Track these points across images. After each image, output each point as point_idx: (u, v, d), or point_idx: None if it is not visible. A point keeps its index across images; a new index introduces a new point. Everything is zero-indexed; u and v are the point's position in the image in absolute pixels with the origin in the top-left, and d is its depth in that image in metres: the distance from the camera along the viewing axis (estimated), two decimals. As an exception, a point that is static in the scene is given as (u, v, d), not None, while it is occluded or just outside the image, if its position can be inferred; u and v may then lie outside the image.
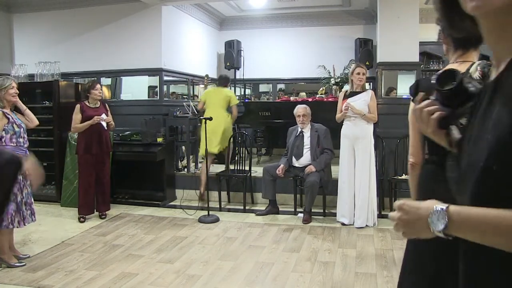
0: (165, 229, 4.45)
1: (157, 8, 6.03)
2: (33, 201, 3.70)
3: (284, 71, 7.93)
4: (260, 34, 7.96)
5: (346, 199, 4.53)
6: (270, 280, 3.17)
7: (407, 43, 5.16)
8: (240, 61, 7.51)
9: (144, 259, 3.60)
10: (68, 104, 5.22)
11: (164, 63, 6.05)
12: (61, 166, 5.47)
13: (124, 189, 5.68)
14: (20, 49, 6.76)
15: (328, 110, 5.35)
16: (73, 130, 4.85)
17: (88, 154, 4.69)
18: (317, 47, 7.63)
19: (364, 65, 5.39)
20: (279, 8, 7.58)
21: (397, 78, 5.32)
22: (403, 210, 0.91)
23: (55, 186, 5.60)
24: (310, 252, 3.74)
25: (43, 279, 3.17)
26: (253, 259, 3.58)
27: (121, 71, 6.33)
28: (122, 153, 5.53)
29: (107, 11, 6.26)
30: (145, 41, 6.08)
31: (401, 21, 5.17)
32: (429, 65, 7.37)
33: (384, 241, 4.04)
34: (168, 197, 5.65)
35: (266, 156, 7.33)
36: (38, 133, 5.76)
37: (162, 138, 5.56)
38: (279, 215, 4.94)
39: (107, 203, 4.96)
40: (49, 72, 5.79)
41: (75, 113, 4.70)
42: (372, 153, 4.45)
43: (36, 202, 5.49)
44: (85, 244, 4.00)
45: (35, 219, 3.68)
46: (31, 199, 3.64)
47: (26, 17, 6.73)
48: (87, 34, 6.38)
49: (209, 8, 7.47)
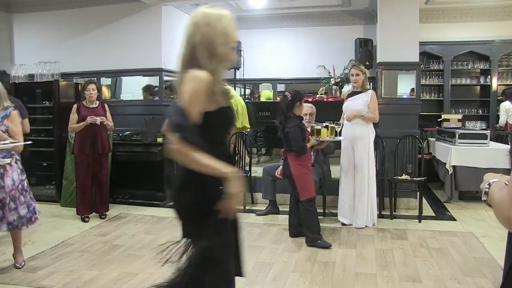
0: (165, 229, 4.45)
1: (157, 8, 6.03)
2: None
3: (284, 71, 7.92)
4: (260, 34, 7.95)
5: (346, 199, 4.53)
6: (270, 280, 3.17)
7: (407, 43, 5.15)
8: (240, 61, 7.51)
9: (144, 259, 3.59)
10: (68, 104, 5.21)
11: (164, 63, 6.05)
12: (61, 166, 5.47)
13: (124, 189, 5.68)
14: (20, 49, 6.76)
15: (328, 110, 5.36)
16: (69, 130, 4.85)
17: (83, 154, 4.69)
18: (317, 47, 7.62)
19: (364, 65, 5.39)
20: (279, 8, 7.57)
21: (397, 78, 5.32)
22: None
23: (55, 186, 5.60)
24: (310, 252, 3.74)
25: (43, 279, 3.17)
26: (253, 259, 3.57)
27: (121, 71, 6.32)
28: (122, 153, 5.53)
29: (107, 11, 6.25)
30: (145, 41, 6.07)
31: (401, 21, 5.17)
32: (429, 65, 7.37)
33: (384, 241, 4.04)
34: (168, 197, 5.64)
35: (266, 156, 7.33)
36: (38, 133, 5.76)
37: (162, 138, 5.56)
38: (279, 215, 4.93)
39: (106, 203, 4.96)
40: (49, 72, 5.79)
41: (71, 113, 4.70)
42: (370, 153, 4.44)
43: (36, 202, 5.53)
44: (85, 244, 4.00)
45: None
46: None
47: (26, 17, 6.73)
48: (87, 34, 6.38)
49: (209, 8, 7.46)
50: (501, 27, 7.09)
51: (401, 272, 3.28)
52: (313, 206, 3.96)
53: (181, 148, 1.55)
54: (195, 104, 1.60)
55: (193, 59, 1.67)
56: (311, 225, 3.91)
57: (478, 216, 4.81)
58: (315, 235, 3.89)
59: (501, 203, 0.95)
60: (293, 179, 3.96)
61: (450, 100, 7.29)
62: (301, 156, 3.96)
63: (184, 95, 1.61)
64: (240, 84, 8.10)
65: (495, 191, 1.02)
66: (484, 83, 7.32)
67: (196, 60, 1.65)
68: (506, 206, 0.90)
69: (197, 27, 1.68)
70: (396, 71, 5.31)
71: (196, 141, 1.56)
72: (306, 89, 7.62)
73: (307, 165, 4.01)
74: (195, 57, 1.66)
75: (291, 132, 3.88)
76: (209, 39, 1.65)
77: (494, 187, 1.04)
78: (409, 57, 5.17)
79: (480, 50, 7.19)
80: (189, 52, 1.69)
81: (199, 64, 1.65)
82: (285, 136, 3.95)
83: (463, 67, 7.33)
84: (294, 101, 3.96)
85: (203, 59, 1.65)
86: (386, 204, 4.97)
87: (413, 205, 5.13)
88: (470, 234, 4.19)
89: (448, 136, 5.65)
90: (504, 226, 0.92)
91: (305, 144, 3.97)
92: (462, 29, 7.14)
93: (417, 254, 3.68)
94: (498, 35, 7.07)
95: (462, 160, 5.23)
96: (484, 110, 7.33)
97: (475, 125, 5.92)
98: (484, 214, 4.82)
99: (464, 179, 5.21)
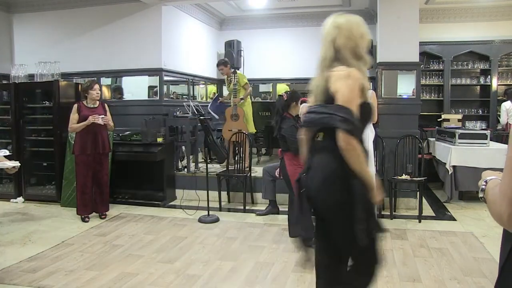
0: (165, 229, 4.45)
1: (157, 8, 6.03)
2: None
3: (284, 71, 7.93)
4: (260, 34, 7.96)
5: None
6: (270, 280, 3.17)
7: (407, 43, 5.15)
8: (240, 61, 7.51)
9: (144, 259, 3.59)
10: (68, 104, 5.22)
11: (164, 63, 6.05)
12: (61, 166, 5.47)
13: (124, 189, 5.68)
14: (20, 49, 6.77)
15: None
16: (70, 130, 4.85)
17: (84, 154, 4.69)
18: (317, 47, 7.53)
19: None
20: (279, 8, 7.58)
21: (397, 78, 5.32)
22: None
23: (55, 186, 5.60)
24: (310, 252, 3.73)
25: (43, 279, 3.17)
26: (253, 259, 3.58)
27: (121, 71, 6.33)
28: (122, 153, 5.53)
29: (107, 11, 6.26)
30: (145, 41, 6.07)
31: (401, 21, 5.16)
32: (429, 65, 7.37)
33: (384, 241, 4.04)
34: (168, 197, 5.65)
35: (266, 156, 7.33)
36: (38, 133, 5.77)
37: (162, 138, 5.56)
38: (279, 215, 4.93)
39: (106, 203, 4.95)
40: (49, 72, 5.78)
41: (72, 112, 4.70)
42: (370, 153, 4.43)
43: (36, 202, 5.55)
44: (85, 244, 4.00)
45: None
46: None
47: (26, 17, 6.73)
48: (87, 34, 6.39)
49: (209, 8, 7.47)
50: (501, 27, 7.09)
51: (401, 272, 3.28)
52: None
53: (350, 142, 1.68)
54: (355, 99, 1.76)
55: (337, 60, 1.86)
56: (304, 224, 3.91)
57: (478, 216, 4.81)
58: (309, 234, 3.88)
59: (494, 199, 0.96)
60: (289, 179, 3.96)
61: (450, 100, 7.29)
62: (297, 156, 3.95)
63: (343, 91, 1.76)
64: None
65: (490, 188, 1.04)
66: (484, 83, 7.31)
67: (341, 61, 1.84)
68: (499, 202, 0.91)
69: (340, 31, 1.88)
70: (396, 71, 5.31)
71: (360, 136, 1.71)
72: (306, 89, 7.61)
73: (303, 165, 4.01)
74: (338, 58, 1.85)
75: (288, 132, 3.88)
76: (353, 42, 1.85)
77: (490, 184, 1.05)
78: (409, 57, 5.17)
79: (480, 50, 7.19)
80: (333, 54, 1.87)
81: (345, 64, 1.83)
82: (281, 136, 3.96)
83: (463, 67, 7.33)
84: (290, 102, 3.97)
85: (350, 59, 1.83)
86: (386, 204, 4.97)
87: (413, 205, 5.13)
88: (470, 234, 4.19)
89: (448, 136, 5.65)
90: (497, 222, 0.94)
91: None
92: (462, 29, 7.14)
93: (417, 254, 3.68)
94: (498, 35, 7.07)
95: (462, 160, 5.23)
96: (484, 110, 7.33)
97: (475, 125, 5.93)
98: (484, 214, 4.81)
99: (464, 179, 5.21)
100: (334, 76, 1.80)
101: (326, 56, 1.89)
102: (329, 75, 1.82)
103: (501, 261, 1.10)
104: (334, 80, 1.79)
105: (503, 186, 0.91)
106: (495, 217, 0.94)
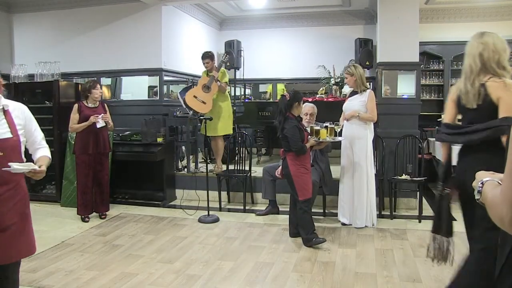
0: (165, 229, 4.45)
1: (157, 8, 6.03)
2: None
3: (284, 71, 7.92)
4: (260, 34, 7.96)
5: (346, 199, 4.53)
6: (270, 280, 3.17)
7: (407, 43, 5.15)
8: (240, 61, 7.50)
9: (144, 259, 3.60)
10: (68, 104, 5.22)
11: (164, 63, 6.05)
12: (61, 166, 5.47)
13: (124, 189, 5.68)
14: (20, 49, 6.77)
15: (328, 110, 5.36)
16: (71, 130, 4.85)
17: (85, 154, 4.69)
18: (317, 47, 7.62)
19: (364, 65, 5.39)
20: (279, 8, 7.58)
21: (397, 78, 5.32)
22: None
23: (55, 186, 5.60)
24: (310, 252, 3.74)
25: (43, 279, 3.17)
26: (253, 259, 3.58)
27: (121, 71, 6.33)
28: (122, 153, 5.53)
29: (107, 11, 6.26)
30: (145, 41, 6.08)
31: (401, 21, 5.17)
32: (429, 65, 7.37)
33: (384, 241, 4.04)
34: (168, 197, 5.65)
35: (266, 156, 7.33)
36: (38, 133, 5.76)
37: (162, 138, 5.56)
38: (279, 215, 4.93)
39: (106, 203, 4.96)
40: (49, 72, 5.79)
41: (72, 112, 4.70)
42: (369, 153, 4.43)
43: (36, 202, 5.55)
44: (85, 244, 4.00)
45: None
46: None
47: (26, 17, 6.73)
48: (87, 34, 6.39)
49: (209, 8, 7.47)
50: (501, 27, 7.07)
51: (401, 272, 3.28)
52: (309, 207, 3.97)
53: None
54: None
55: (484, 70, 2.19)
56: (305, 225, 3.93)
57: (478, 216, 4.80)
58: (309, 234, 3.89)
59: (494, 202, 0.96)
60: (291, 179, 3.96)
61: (450, 100, 7.28)
62: (300, 156, 3.96)
63: (507, 100, 2.09)
64: (240, 84, 8.11)
65: (488, 190, 1.04)
66: (484, 83, 7.30)
67: (488, 72, 2.18)
68: (499, 205, 0.91)
69: (487, 46, 2.20)
70: (396, 71, 5.31)
71: None
72: (306, 89, 7.62)
73: (306, 165, 4.01)
74: (486, 69, 2.19)
75: (290, 133, 3.89)
76: (498, 56, 2.18)
77: (487, 186, 1.05)
78: (409, 57, 5.17)
79: (480, 50, 7.17)
80: (479, 66, 2.20)
81: (494, 74, 2.17)
82: (284, 136, 3.96)
83: (463, 67, 7.32)
84: (293, 102, 3.97)
85: (498, 69, 2.17)
86: (386, 204, 4.97)
87: (413, 205, 5.13)
88: (470, 234, 4.19)
89: (448, 136, 5.63)
90: (498, 225, 0.94)
91: (304, 145, 3.97)
92: (462, 29, 7.13)
93: (417, 254, 3.67)
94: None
95: (462, 160, 5.22)
96: (484, 110, 7.31)
97: (475, 125, 5.91)
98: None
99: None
100: (492, 86, 2.14)
101: (473, 67, 2.21)
102: (487, 85, 2.15)
103: (500, 262, 1.11)
104: (494, 89, 2.13)
105: (504, 189, 0.91)
106: (496, 220, 0.94)
